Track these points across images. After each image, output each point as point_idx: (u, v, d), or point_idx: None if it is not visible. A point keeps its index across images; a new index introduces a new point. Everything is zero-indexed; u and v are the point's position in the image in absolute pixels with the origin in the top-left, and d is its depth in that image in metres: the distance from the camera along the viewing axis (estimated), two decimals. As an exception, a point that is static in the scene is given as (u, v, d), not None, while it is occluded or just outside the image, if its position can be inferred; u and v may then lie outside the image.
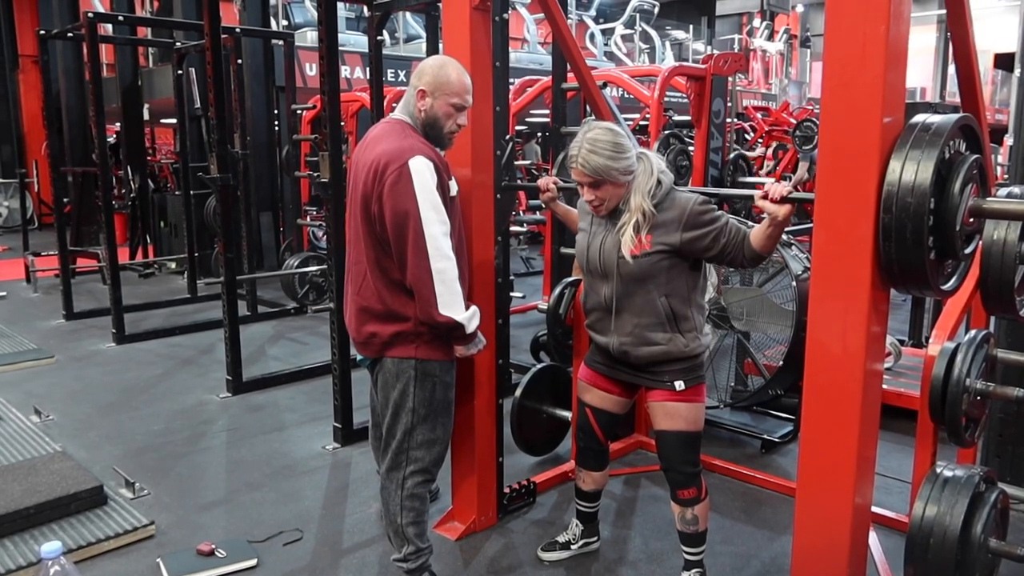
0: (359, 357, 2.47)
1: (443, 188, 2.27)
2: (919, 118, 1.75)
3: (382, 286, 2.31)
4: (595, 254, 2.44)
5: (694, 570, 2.54)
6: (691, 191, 2.43)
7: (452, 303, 2.25)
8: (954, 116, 1.76)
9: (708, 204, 2.34)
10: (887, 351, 3.99)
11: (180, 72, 7.31)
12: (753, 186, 5.33)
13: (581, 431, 2.67)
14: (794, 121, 8.78)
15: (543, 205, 2.85)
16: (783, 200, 2.10)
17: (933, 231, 1.72)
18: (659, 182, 2.35)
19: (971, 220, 1.80)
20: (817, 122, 7.66)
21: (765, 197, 2.11)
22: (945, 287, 1.85)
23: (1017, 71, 3.24)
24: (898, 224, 1.69)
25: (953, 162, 1.75)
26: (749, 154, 6.68)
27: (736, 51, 15.48)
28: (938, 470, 1.94)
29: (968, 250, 1.85)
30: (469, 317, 2.31)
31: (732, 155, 4.97)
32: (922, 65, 19.03)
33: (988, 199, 1.82)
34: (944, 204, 1.73)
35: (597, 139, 2.30)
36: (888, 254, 1.73)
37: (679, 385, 2.39)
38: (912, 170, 1.67)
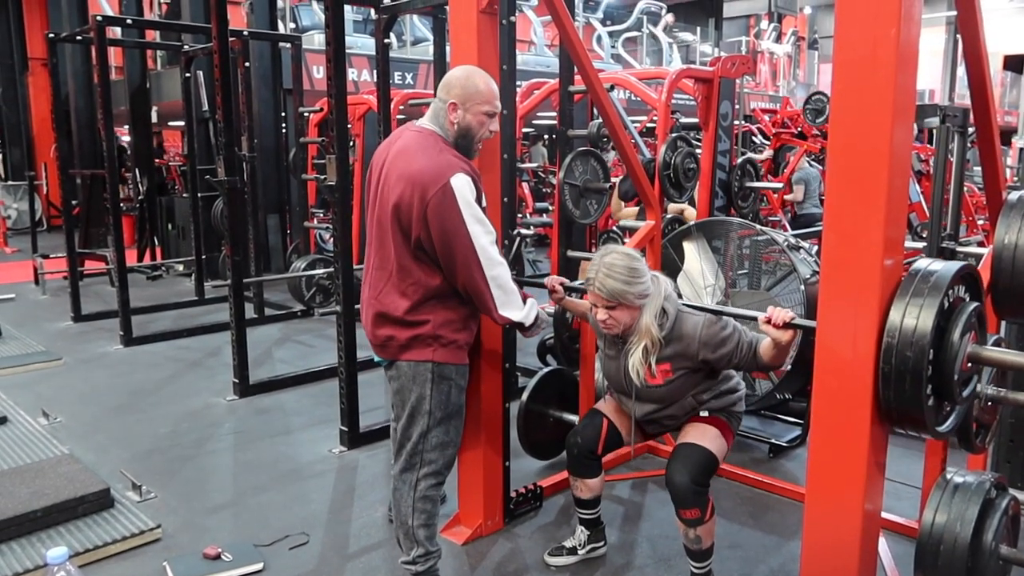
0: (377, 358, 2.47)
1: (479, 200, 2.31)
2: (922, 264, 1.78)
3: (408, 291, 2.32)
4: (619, 378, 2.59)
5: (701, 580, 2.53)
6: (695, 309, 2.52)
7: (509, 303, 2.32)
8: (955, 265, 1.78)
9: (718, 323, 2.44)
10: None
11: (188, 75, 7.33)
12: (761, 193, 5.29)
13: (580, 437, 2.67)
14: (801, 119, 8.73)
15: (555, 302, 2.95)
16: (786, 326, 2.17)
17: (932, 378, 1.74)
18: (664, 311, 2.45)
19: (969, 365, 1.82)
20: (826, 95, 7.60)
21: (768, 322, 2.18)
22: (942, 428, 1.86)
23: (1027, 73, 3.21)
24: (897, 373, 1.72)
25: (953, 310, 1.77)
26: (756, 157, 6.65)
27: (744, 53, 15.44)
28: (948, 476, 1.92)
29: (966, 393, 1.86)
30: (527, 313, 2.38)
31: (740, 159, 4.95)
32: (931, 67, 18.96)
33: (986, 348, 1.84)
34: (943, 353, 1.75)
35: (614, 264, 2.40)
36: (887, 399, 1.76)
37: (704, 412, 2.54)
38: (913, 317, 1.70)
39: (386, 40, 4.74)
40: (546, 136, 12.36)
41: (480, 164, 2.71)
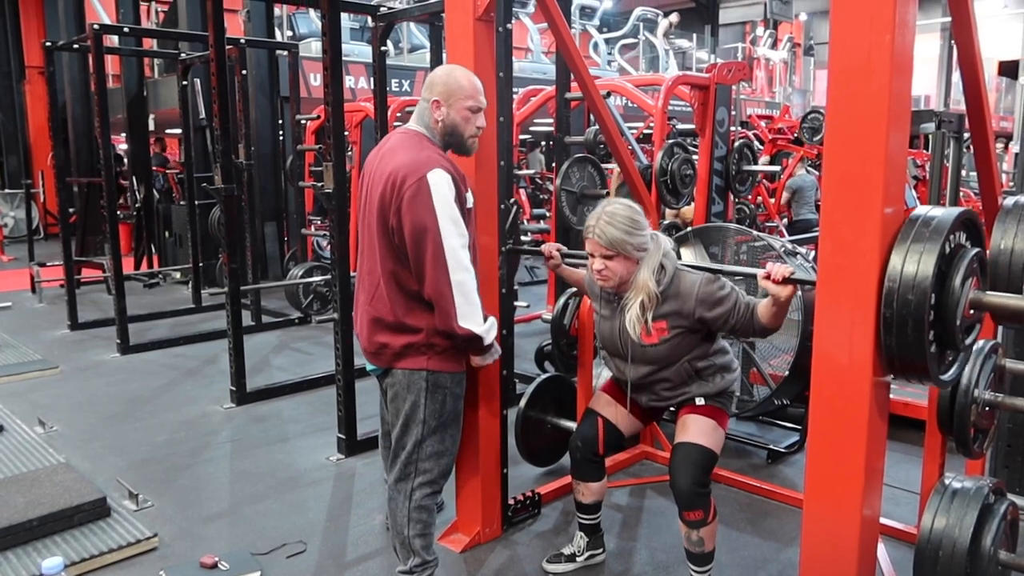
0: (370, 367, 2.46)
1: (460, 200, 2.28)
2: (921, 211, 1.77)
3: (396, 297, 2.31)
4: (615, 339, 2.54)
5: (701, 586, 2.52)
6: (694, 267, 2.50)
7: (471, 315, 2.26)
8: (956, 210, 1.77)
9: (716, 282, 2.42)
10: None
11: (185, 83, 7.34)
12: (758, 176, 5.28)
13: (581, 440, 2.66)
14: (797, 125, 8.77)
15: (551, 269, 2.92)
16: (785, 281, 2.15)
17: (934, 324, 1.73)
18: (663, 267, 2.43)
19: (972, 312, 1.81)
20: (823, 113, 7.65)
21: (768, 278, 2.16)
22: (945, 377, 1.86)
23: (1021, 79, 3.22)
24: (899, 319, 1.70)
25: (954, 256, 1.76)
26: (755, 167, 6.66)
27: (740, 60, 15.50)
28: (947, 481, 1.92)
29: (969, 340, 1.85)
30: (487, 329, 2.32)
31: (738, 142, 4.94)
32: (926, 73, 19.04)
33: (988, 292, 1.83)
34: (945, 299, 1.74)
35: (616, 213, 2.39)
36: (889, 346, 1.74)
37: (699, 400, 2.49)
38: (914, 263, 1.69)
39: (383, 48, 4.76)
40: (543, 143, 12.38)
41: (477, 170, 2.72)
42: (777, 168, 7.36)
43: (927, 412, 2.29)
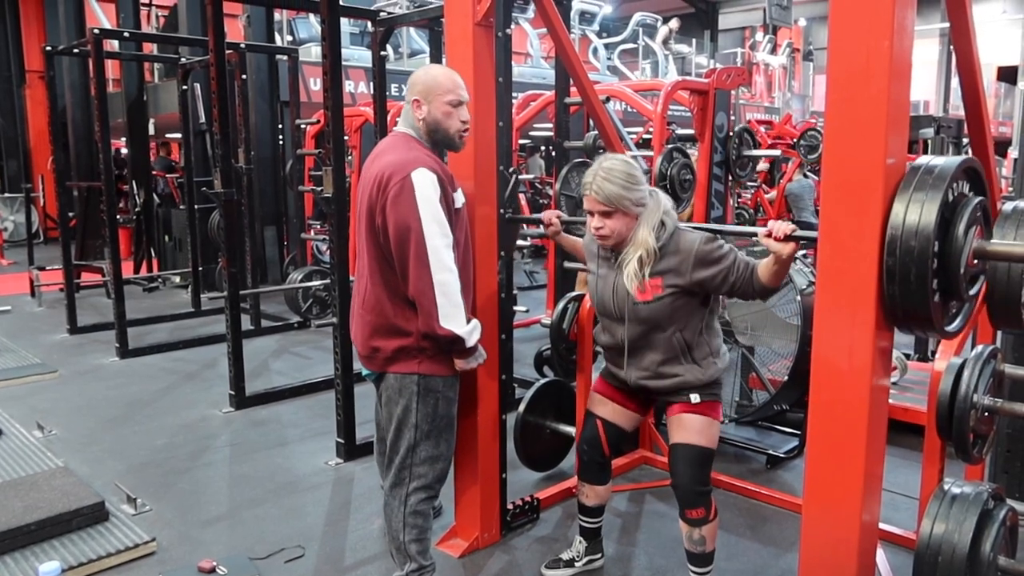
0: (365, 371, 2.47)
1: (447, 200, 2.27)
2: (923, 160, 1.75)
3: (386, 299, 2.31)
4: (608, 298, 2.47)
5: (700, 589, 2.51)
6: (695, 228, 2.46)
7: (453, 315, 2.25)
8: (957, 159, 1.76)
9: (715, 241, 2.38)
10: (892, 365, 3.97)
11: (185, 87, 7.35)
12: (758, 162, 5.31)
13: (586, 443, 2.65)
14: (797, 134, 8.81)
15: (549, 237, 2.88)
16: (787, 239, 2.12)
17: (937, 273, 1.72)
18: (663, 224, 2.39)
19: (975, 261, 1.79)
20: (820, 132, 7.70)
21: (769, 235, 2.13)
22: (950, 328, 1.84)
23: (1020, 84, 3.23)
24: (902, 266, 1.69)
25: (957, 204, 1.75)
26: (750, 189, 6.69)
27: (739, 65, 15.53)
28: (946, 487, 1.92)
29: (973, 291, 1.84)
30: (470, 331, 2.31)
31: (737, 127, 4.94)
32: (925, 78, 19.07)
33: (992, 241, 1.81)
34: (948, 247, 1.72)
35: (613, 168, 2.35)
36: (892, 297, 1.72)
37: (695, 398, 2.43)
38: (916, 212, 1.67)
39: (383, 52, 4.76)
40: (543, 147, 12.40)
41: (475, 177, 2.72)
42: (777, 152, 7.34)
43: (926, 417, 2.29)
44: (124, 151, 10.34)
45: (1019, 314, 2.05)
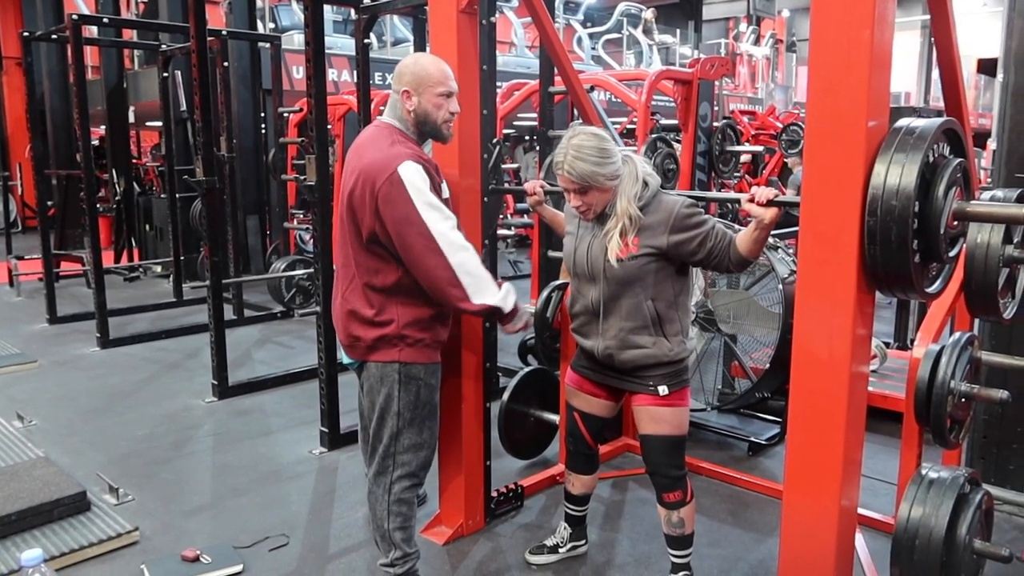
0: (347, 360, 2.46)
1: (436, 189, 2.27)
2: (903, 122, 1.77)
3: (367, 289, 2.31)
4: (582, 257, 2.44)
5: (681, 573, 2.54)
6: (678, 194, 2.44)
7: (482, 289, 2.24)
8: (938, 120, 1.77)
9: (695, 207, 2.34)
10: (872, 354, 4.02)
11: (166, 75, 7.27)
12: (740, 157, 5.35)
13: (570, 435, 2.67)
14: (780, 125, 8.87)
15: (530, 208, 2.86)
16: (769, 204, 2.09)
17: (918, 234, 1.73)
18: (645, 184, 2.36)
19: (955, 223, 1.81)
20: (803, 126, 7.76)
21: (752, 200, 2.10)
22: (930, 289, 1.87)
23: (1000, 76, 3.26)
24: (883, 227, 1.70)
25: (937, 166, 1.76)
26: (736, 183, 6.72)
27: (723, 55, 15.55)
28: (923, 472, 1.95)
29: (952, 253, 1.86)
30: (503, 296, 2.29)
31: (721, 122, 4.96)
32: (906, 70, 19.20)
33: (972, 202, 1.83)
34: (928, 207, 1.73)
35: (582, 145, 2.30)
36: (873, 257, 1.74)
37: (663, 390, 2.40)
38: (897, 173, 1.68)
39: (366, 40, 4.73)
40: (527, 137, 12.37)
41: (459, 165, 2.72)
42: (760, 149, 7.39)
43: (904, 404, 2.32)
44: (100, 140, 10.19)
45: (996, 302, 2.09)
